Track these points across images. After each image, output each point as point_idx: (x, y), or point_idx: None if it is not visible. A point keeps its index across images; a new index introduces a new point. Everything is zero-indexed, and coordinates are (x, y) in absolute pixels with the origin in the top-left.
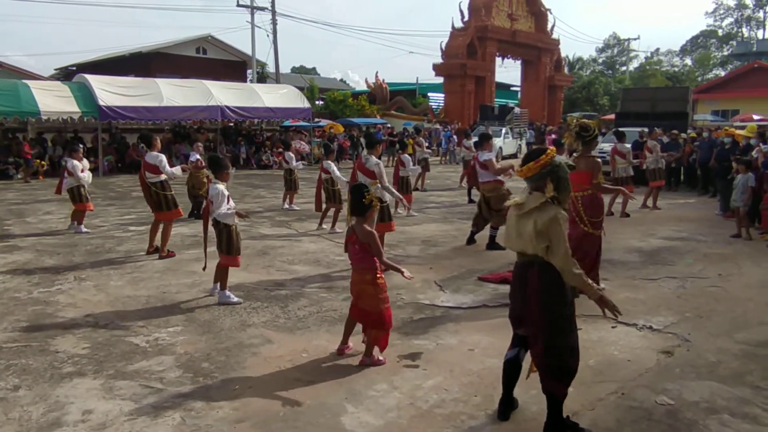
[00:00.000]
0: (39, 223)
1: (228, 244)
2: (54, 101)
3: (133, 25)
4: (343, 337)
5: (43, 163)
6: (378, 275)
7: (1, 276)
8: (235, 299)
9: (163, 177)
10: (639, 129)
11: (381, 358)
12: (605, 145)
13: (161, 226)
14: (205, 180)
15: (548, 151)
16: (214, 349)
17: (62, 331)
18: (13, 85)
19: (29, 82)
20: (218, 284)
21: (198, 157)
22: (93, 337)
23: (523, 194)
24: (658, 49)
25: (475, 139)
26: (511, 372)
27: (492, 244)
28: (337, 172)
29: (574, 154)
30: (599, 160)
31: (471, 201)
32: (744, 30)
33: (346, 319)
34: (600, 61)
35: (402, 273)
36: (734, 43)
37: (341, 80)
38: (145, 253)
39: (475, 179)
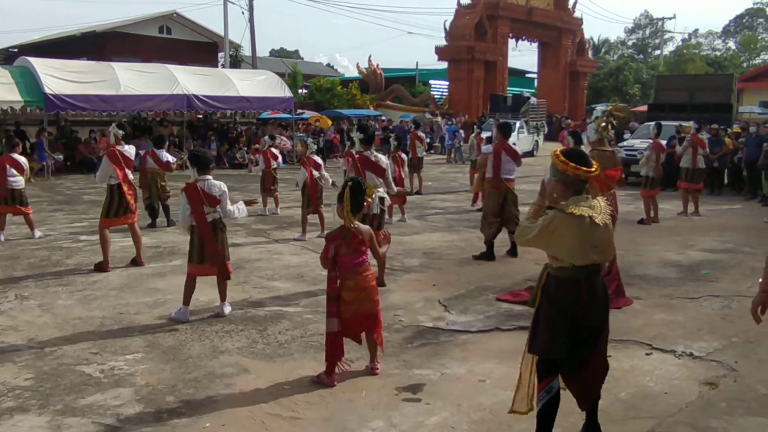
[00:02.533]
0: None
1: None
2: None
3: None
4: (371, 357)
5: None
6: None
7: None
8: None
9: None
10: (676, 123)
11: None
12: (636, 141)
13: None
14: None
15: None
16: (181, 380)
17: (1, 358)
18: None
19: None
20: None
21: (170, 158)
22: (37, 366)
23: (584, 201)
24: (696, 31)
25: (487, 133)
26: (555, 408)
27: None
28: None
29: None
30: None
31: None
32: None
33: (366, 339)
34: (630, 43)
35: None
36: None
37: (328, 65)
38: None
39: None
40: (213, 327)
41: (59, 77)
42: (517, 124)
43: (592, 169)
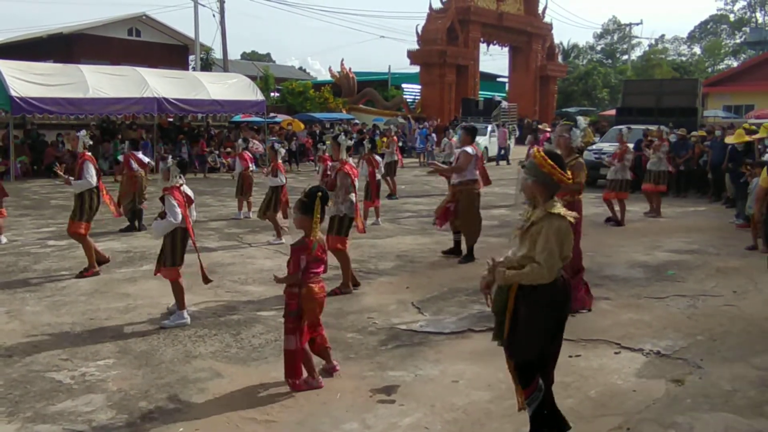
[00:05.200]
0: None
1: None
2: None
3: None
4: (327, 358)
5: None
6: None
7: None
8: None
9: None
10: (644, 126)
11: None
12: (604, 145)
13: None
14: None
15: None
16: (153, 386)
17: None
18: None
19: None
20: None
21: (147, 159)
22: (6, 373)
23: (559, 203)
24: (663, 36)
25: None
26: (553, 400)
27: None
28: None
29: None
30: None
31: None
32: (758, 15)
33: (313, 347)
34: (598, 48)
35: None
36: (747, 29)
37: (300, 68)
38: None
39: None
40: (186, 332)
41: (25, 80)
42: (489, 128)
43: (569, 176)
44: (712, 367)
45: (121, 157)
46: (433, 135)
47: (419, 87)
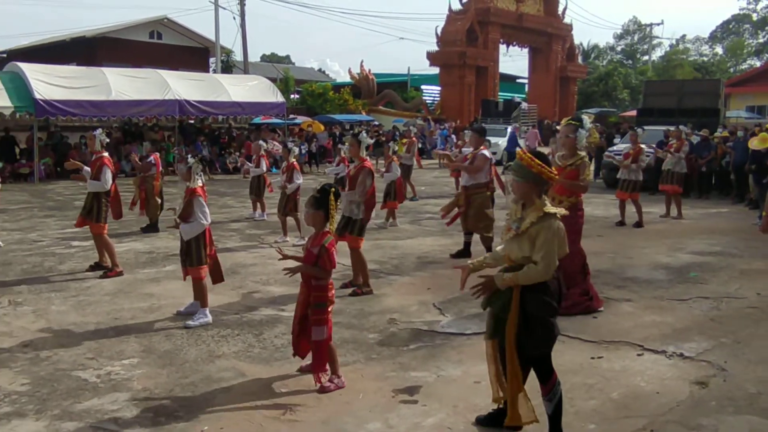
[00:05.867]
0: None
1: None
2: None
3: (74, 5)
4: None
5: None
6: None
7: None
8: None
9: None
10: (664, 127)
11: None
12: (624, 146)
13: None
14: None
15: None
16: (178, 385)
17: None
18: None
19: None
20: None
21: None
22: (33, 372)
23: (550, 202)
24: (684, 36)
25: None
26: None
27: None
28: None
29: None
30: None
31: None
32: None
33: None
34: (619, 49)
35: None
36: None
37: (319, 70)
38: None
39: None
40: (209, 332)
41: (49, 82)
42: (509, 129)
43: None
44: (736, 370)
45: (152, 158)
46: (453, 136)
47: (438, 88)
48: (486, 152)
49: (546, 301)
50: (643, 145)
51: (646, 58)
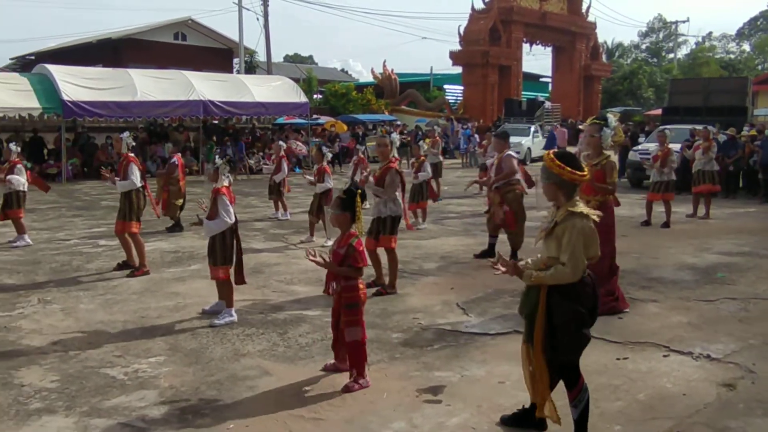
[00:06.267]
0: None
1: None
2: (10, 96)
3: (100, 7)
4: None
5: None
6: None
7: None
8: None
9: None
10: (690, 126)
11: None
12: (651, 146)
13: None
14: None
15: None
16: (204, 383)
17: (27, 361)
18: None
19: None
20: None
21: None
22: (62, 369)
23: (581, 203)
24: (710, 34)
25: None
26: None
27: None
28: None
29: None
30: None
31: None
32: None
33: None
34: (643, 47)
35: None
36: None
37: (342, 70)
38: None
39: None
40: (234, 330)
41: (76, 84)
42: (532, 128)
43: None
44: (765, 372)
45: (175, 160)
46: (476, 136)
47: (461, 88)
48: (512, 152)
49: (573, 309)
50: (671, 146)
51: (671, 56)
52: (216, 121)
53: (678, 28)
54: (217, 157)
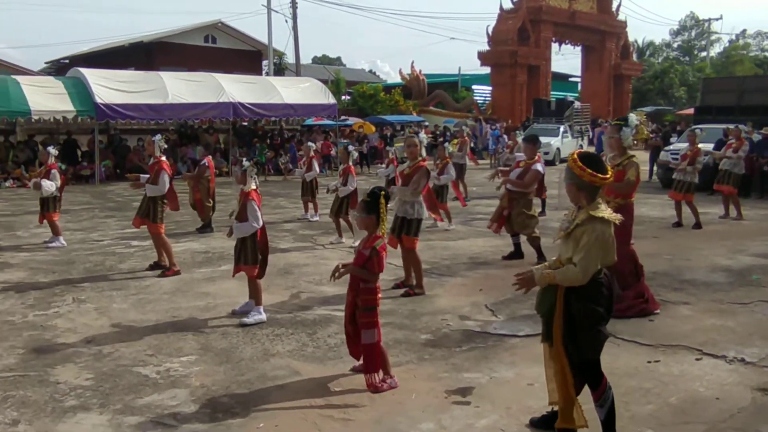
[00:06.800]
0: (31, 237)
1: None
2: (46, 99)
3: (132, 11)
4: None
5: (38, 171)
6: None
7: None
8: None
9: None
10: (723, 126)
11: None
12: (682, 146)
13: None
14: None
15: None
16: (234, 382)
17: (62, 359)
18: (2, 81)
19: (19, 78)
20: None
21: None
22: (96, 367)
23: (603, 205)
24: (744, 31)
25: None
26: None
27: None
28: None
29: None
30: None
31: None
32: None
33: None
34: (675, 46)
35: None
36: None
37: (370, 71)
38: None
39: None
40: (263, 330)
41: (109, 87)
42: (561, 128)
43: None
44: None
45: (205, 161)
46: (504, 137)
47: (489, 88)
48: (539, 166)
49: (590, 308)
50: (701, 146)
51: (703, 54)
52: (245, 123)
53: (711, 26)
54: (244, 159)
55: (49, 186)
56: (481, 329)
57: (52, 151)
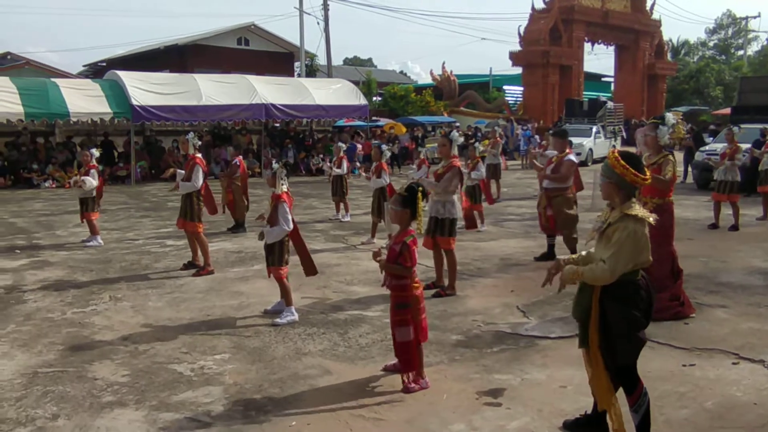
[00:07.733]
0: (69, 236)
1: None
2: (84, 101)
3: (166, 15)
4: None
5: (76, 172)
6: None
7: (32, 294)
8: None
9: None
10: (761, 125)
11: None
12: (719, 146)
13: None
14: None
15: None
16: (267, 380)
17: (99, 356)
18: (42, 84)
19: (58, 81)
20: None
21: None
22: (133, 364)
23: (638, 205)
24: None
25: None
26: None
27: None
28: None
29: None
30: None
31: None
32: None
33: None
34: (711, 44)
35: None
36: None
37: (401, 72)
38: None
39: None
40: (295, 330)
41: (145, 89)
42: (594, 129)
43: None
44: None
45: (237, 161)
46: (536, 137)
47: (521, 88)
48: (572, 157)
49: (626, 312)
50: (740, 144)
51: (740, 53)
52: (277, 124)
53: (748, 24)
54: (274, 161)
55: (91, 183)
56: (512, 330)
57: (95, 152)
